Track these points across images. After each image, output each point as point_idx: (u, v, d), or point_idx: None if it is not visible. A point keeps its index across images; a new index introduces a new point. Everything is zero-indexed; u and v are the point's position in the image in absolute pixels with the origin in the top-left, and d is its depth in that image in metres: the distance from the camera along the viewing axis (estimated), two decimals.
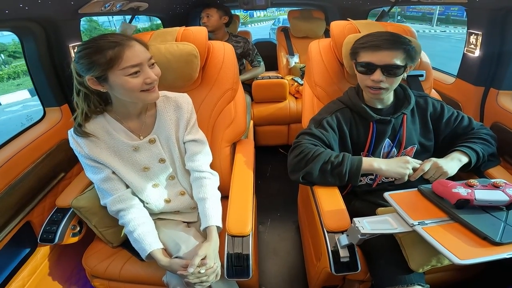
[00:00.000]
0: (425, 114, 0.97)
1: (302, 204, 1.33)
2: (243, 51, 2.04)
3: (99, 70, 0.70)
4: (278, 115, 2.04)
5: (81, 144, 0.82)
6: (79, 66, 0.72)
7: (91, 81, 0.73)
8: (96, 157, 0.83)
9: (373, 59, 0.83)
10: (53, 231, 0.96)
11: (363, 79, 0.88)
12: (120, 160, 0.87)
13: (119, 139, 0.85)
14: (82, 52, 0.71)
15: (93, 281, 1.00)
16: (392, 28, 1.11)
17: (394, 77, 0.84)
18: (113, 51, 0.69)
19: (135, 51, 0.72)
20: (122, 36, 0.73)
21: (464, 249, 0.56)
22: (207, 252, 0.78)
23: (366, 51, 0.85)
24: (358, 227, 0.65)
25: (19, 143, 1.07)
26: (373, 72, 0.84)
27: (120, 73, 0.71)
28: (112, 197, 0.86)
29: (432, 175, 0.81)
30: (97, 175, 0.85)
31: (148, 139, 0.88)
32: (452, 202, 0.64)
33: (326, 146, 0.91)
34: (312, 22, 2.50)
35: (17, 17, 1.00)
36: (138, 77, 0.74)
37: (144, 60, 0.74)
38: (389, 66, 0.82)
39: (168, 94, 0.93)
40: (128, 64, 0.71)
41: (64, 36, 1.20)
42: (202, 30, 1.13)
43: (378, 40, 0.83)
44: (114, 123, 0.85)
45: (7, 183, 0.96)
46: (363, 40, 0.87)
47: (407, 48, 0.83)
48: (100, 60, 0.69)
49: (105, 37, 0.71)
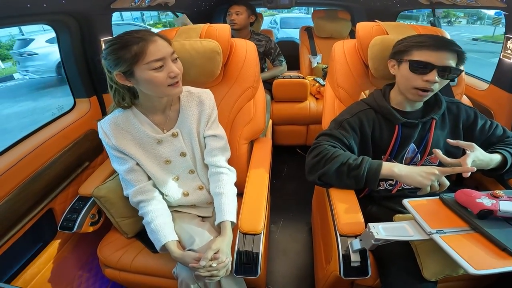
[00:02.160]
0: (457, 121, 0.93)
1: (316, 206, 1.32)
2: (265, 50, 2.04)
3: (125, 65, 0.73)
4: (298, 115, 2.03)
5: (109, 135, 0.86)
6: (107, 62, 0.76)
7: (119, 76, 0.76)
8: (122, 149, 0.87)
9: (431, 59, 0.79)
10: (73, 219, 0.99)
11: (414, 79, 0.83)
12: (144, 152, 0.91)
13: (144, 131, 0.88)
14: (109, 48, 0.74)
15: (105, 271, 1.03)
16: (424, 31, 1.06)
17: (446, 80, 0.82)
18: (137, 46, 0.72)
19: (158, 45, 0.75)
20: (146, 32, 0.76)
21: (480, 259, 0.55)
22: (220, 247, 0.79)
23: (424, 50, 0.81)
24: (372, 232, 0.63)
25: (49, 131, 1.13)
26: (429, 72, 0.80)
27: (145, 68, 0.74)
28: (134, 188, 0.90)
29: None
30: (122, 166, 0.89)
31: (171, 133, 0.91)
32: (475, 212, 0.62)
33: (346, 147, 0.90)
34: (337, 22, 2.46)
35: (55, 11, 1.07)
36: (162, 72, 0.76)
37: (167, 55, 0.77)
38: (445, 68, 0.79)
39: (191, 90, 0.96)
40: (152, 58, 0.74)
41: (97, 30, 1.26)
42: (226, 28, 1.15)
43: (435, 40, 0.80)
44: (140, 116, 0.88)
45: (35, 170, 1.01)
46: (418, 39, 0.83)
47: (460, 52, 0.80)
48: (126, 55, 0.72)
49: (130, 33, 0.74)
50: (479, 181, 1.06)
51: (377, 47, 1.00)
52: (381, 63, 1.00)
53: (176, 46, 1.07)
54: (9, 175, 0.92)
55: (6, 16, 0.89)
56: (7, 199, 0.90)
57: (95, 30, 1.25)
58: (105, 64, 0.78)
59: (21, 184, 0.96)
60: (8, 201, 0.90)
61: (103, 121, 0.88)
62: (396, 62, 0.89)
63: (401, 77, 0.88)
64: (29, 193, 0.98)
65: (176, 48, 1.06)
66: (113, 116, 0.87)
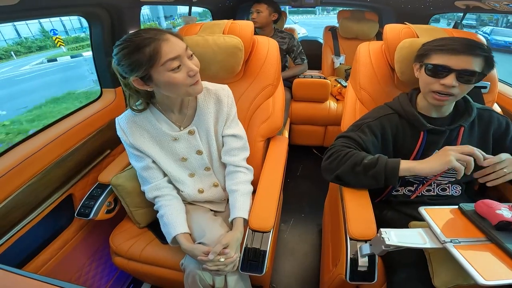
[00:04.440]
0: (488, 129, 0.88)
1: (328, 207, 1.30)
2: (287, 47, 2.03)
3: (142, 70, 0.70)
4: (317, 116, 2.00)
5: (127, 133, 0.87)
6: (121, 69, 0.72)
7: (137, 81, 0.73)
8: (139, 146, 0.88)
9: (449, 62, 0.77)
10: (90, 206, 1.00)
11: (430, 82, 0.81)
12: (160, 149, 0.91)
13: (161, 129, 0.88)
14: (120, 53, 0.70)
15: (114, 259, 1.04)
16: (458, 34, 1.01)
17: (468, 84, 0.78)
18: (150, 47, 0.68)
19: (172, 43, 0.71)
20: (155, 31, 0.71)
21: (492, 270, 0.53)
22: (229, 242, 0.80)
23: (442, 53, 0.78)
24: (383, 237, 0.62)
25: (76, 118, 1.17)
26: (446, 76, 0.78)
27: (162, 69, 0.71)
28: (150, 185, 0.92)
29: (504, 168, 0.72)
30: (139, 163, 0.91)
31: (188, 130, 0.90)
32: (493, 223, 0.60)
33: (361, 149, 0.88)
34: (364, 23, 2.39)
35: (89, 3, 1.12)
36: (181, 71, 0.73)
37: (182, 52, 0.73)
38: (465, 72, 0.75)
39: (208, 86, 0.93)
40: (167, 57, 0.70)
41: (126, 23, 1.30)
42: (249, 24, 1.15)
43: (456, 44, 0.76)
44: (158, 114, 0.88)
45: (59, 155, 1.04)
46: (438, 43, 0.81)
47: (487, 56, 0.76)
48: (141, 59, 0.68)
49: (139, 35, 0.70)
50: (502, 193, 1.01)
51: (405, 50, 0.97)
52: (408, 67, 0.97)
53: (199, 41, 1.09)
54: (34, 160, 0.95)
55: (42, 7, 0.93)
56: (30, 183, 0.92)
57: (124, 22, 1.29)
58: (118, 70, 0.74)
59: (44, 169, 0.98)
60: (30, 185, 0.93)
61: (120, 117, 0.88)
62: (418, 65, 0.87)
63: (421, 80, 0.86)
64: (51, 178, 1.01)
65: (199, 43, 1.08)
66: (130, 114, 0.87)
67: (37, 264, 0.99)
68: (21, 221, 0.92)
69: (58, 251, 1.07)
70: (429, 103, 0.86)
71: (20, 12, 0.85)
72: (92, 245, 1.22)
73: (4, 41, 11.17)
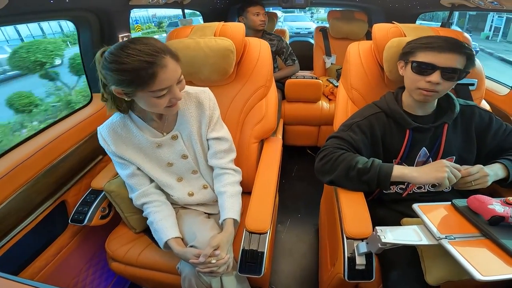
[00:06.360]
0: (470, 124, 0.90)
1: (324, 207, 1.31)
2: (277, 49, 2.03)
3: (129, 89, 0.69)
4: (310, 116, 2.02)
5: (109, 142, 0.85)
6: (107, 76, 0.70)
7: (117, 91, 0.72)
8: (123, 155, 0.87)
9: (434, 60, 0.79)
10: (84, 212, 0.99)
11: (416, 79, 0.83)
12: (145, 156, 0.90)
13: (143, 136, 0.87)
14: (113, 65, 0.66)
15: (111, 264, 1.03)
16: (444, 33, 1.04)
17: (452, 82, 0.80)
18: (146, 72, 0.65)
19: (169, 71, 0.69)
20: (155, 52, 0.67)
21: (488, 265, 0.54)
22: (220, 243, 0.80)
23: (427, 51, 0.80)
24: (379, 235, 0.62)
25: (66, 123, 1.15)
26: (431, 73, 0.79)
27: (149, 94, 0.70)
28: (137, 192, 0.91)
29: (473, 180, 0.76)
30: (124, 171, 0.90)
31: (171, 136, 0.90)
32: (486, 218, 0.62)
33: (353, 149, 0.89)
34: (354, 23, 2.42)
35: (77, 7, 1.10)
36: (165, 97, 0.73)
37: (175, 81, 0.72)
38: (449, 69, 0.78)
39: (189, 90, 0.91)
40: (159, 87, 0.69)
41: (115, 26, 1.29)
42: (240, 26, 1.15)
43: (441, 42, 0.79)
44: (138, 121, 0.87)
45: (51, 161, 1.02)
46: (423, 41, 0.83)
47: (469, 54, 0.78)
48: (133, 80, 0.67)
49: (139, 53, 0.65)
50: (494, 189, 1.02)
51: (393, 49, 0.98)
52: (396, 66, 0.98)
53: (191, 44, 1.08)
54: (25, 167, 0.93)
55: (29, 12, 0.91)
56: (21, 190, 0.91)
57: (114, 26, 1.28)
58: (103, 74, 0.71)
59: (36, 175, 0.97)
60: (22, 192, 0.91)
61: (101, 127, 0.87)
62: (404, 63, 0.88)
63: (407, 78, 0.88)
64: (44, 185, 0.99)
65: (191, 46, 1.08)
66: (111, 122, 0.86)
67: (33, 270, 0.98)
68: (15, 228, 0.91)
69: (53, 257, 1.05)
70: (414, 100, 0.88)
71: (6, 17, 0.84)
72: (88, 251, 1.21)
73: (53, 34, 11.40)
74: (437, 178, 0.74)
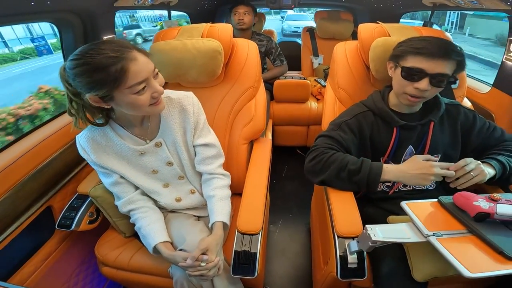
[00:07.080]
0: (456, 123, 0.93)
1: (315, 207, 1.32)
2: (266, 50, 2.04)
3: (103, 90, 0.64)
4: (298, 116, 2.03)
5: (88, 152, 0.81)
6: (77, 85, 0.65)
7: (94, 99, 0.67)
8: (104, 164, 0.83)
9: (424, 66, 0.77)
10: (71, 217, 0.98)
11: (404, 84, 0.83)
12: (128, 164, 0.87)
13: (125, 145, 0.83)
14: (78, 69, 0.62)
15: (102, 269, 1.02)
16: (426, 32, 1.06)
17: (439, 87, 0.80)
18: (115, 67, 0.62)
19: (140, 64, 0.66)
20: (121, 47, 0.64)
21: (476, 262, 0.55)
22: (208, 246, 0.79)
23: (417, 56, 0.79)
24: (369, 234, 0.63)
25: (50, 127, 1.12)
26: (420, 79, 0.79)
27: (127, 92, 0.66)
28: (123, 200, 0.89)
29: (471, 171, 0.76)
30: (107, 179, 0.87)
31: (154, 143, 0.86)
32: (472, 214, 0.63)
33: (343, 148, 0.90)
34: (340, 23, 2.46)
35: (59, 9, 1.07)
36: (146, 93, 0.69)
37: (150, 74, 0.69)
38: (439, 75, 0.77)
39: (171, 95, 0.88)
40: (134, 81, 0.65)
41: (100, 28, 1.26)
42: (228, 27, 1.15)
43: (432, 47, 0.77)
44: (119, 129, 0.83)
45: (35, 166, 1.00)
46: (415, 45, 0.81)
47: (460, 59, 0.78)
48: (104, 79, 0.62)
49: (103, 51, 0.62)
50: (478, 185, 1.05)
51: (378, 48, 1.00)
52: (382, 65, 1.00)
53: (178, 46, 1.07)
54: (9, 172, 0.91)
55: (11, 14, 0.89)
56: (6, 196, 0.89)
57: (98, 28, 1.25)
58: (73, 86, 0.66)
59: (20, 181, 0.94)
60: (7, 198, 0.89)
61: (80, 136, 0.82)
62: (393, 65, 0.89)
63: (395, 81, 0.89)
64: (29, 190, 0.97)
65: (178, 48, 1.07)
66: (90, 131, 0.81)
67: (22, 276, 0.96)
68: (1, 234, 0.89)
69: (42, 262, 1.04)
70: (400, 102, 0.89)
71: None
72: (78, 256, 1.19)
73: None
74: (425, 180, 0.76)
